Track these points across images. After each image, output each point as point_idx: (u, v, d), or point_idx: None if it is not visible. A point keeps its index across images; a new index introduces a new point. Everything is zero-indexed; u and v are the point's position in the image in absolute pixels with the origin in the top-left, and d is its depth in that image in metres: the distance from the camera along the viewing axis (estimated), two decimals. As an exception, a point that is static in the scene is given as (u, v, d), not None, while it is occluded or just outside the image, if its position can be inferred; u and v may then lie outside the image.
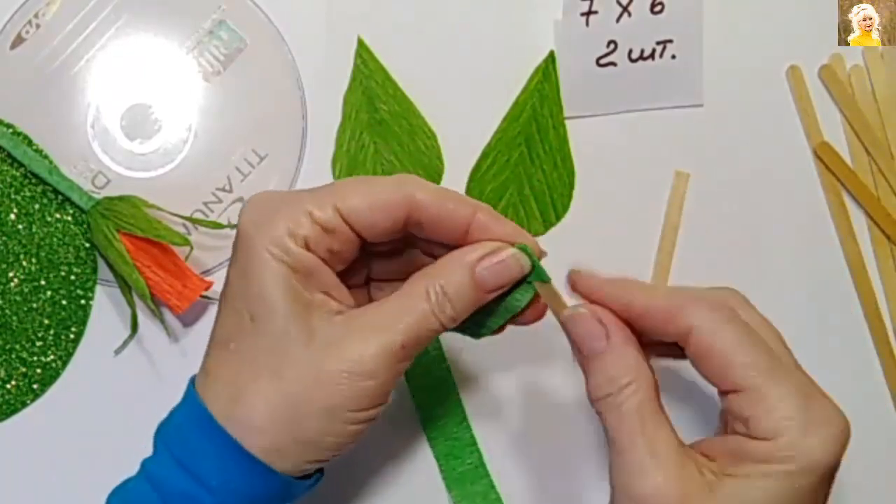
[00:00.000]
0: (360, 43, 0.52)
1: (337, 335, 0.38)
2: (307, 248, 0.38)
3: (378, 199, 0.38)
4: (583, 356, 0.39)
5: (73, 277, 0.50)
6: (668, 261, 0.53)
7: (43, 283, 0.50)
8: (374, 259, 0.42)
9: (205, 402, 0.38)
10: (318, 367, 0.37)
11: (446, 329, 0.39)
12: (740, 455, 0.37)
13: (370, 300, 0.43)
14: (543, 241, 0.52)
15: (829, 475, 0.37)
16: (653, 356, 0.40)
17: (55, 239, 0.50)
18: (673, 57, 0.53)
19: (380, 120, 0.52)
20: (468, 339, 0.42)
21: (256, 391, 0.37)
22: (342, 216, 0.38)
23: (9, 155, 0.50)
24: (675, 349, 0.39)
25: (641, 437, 0.37)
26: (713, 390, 0.38)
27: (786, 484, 0.36)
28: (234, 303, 0.39)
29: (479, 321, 0.41)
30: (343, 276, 0.40)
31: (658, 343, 0.39)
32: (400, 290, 0.39)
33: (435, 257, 0.40)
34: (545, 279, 0.40)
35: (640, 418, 0.37)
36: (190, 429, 0.39)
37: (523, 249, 0.39)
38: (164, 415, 0.50)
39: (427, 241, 0.41)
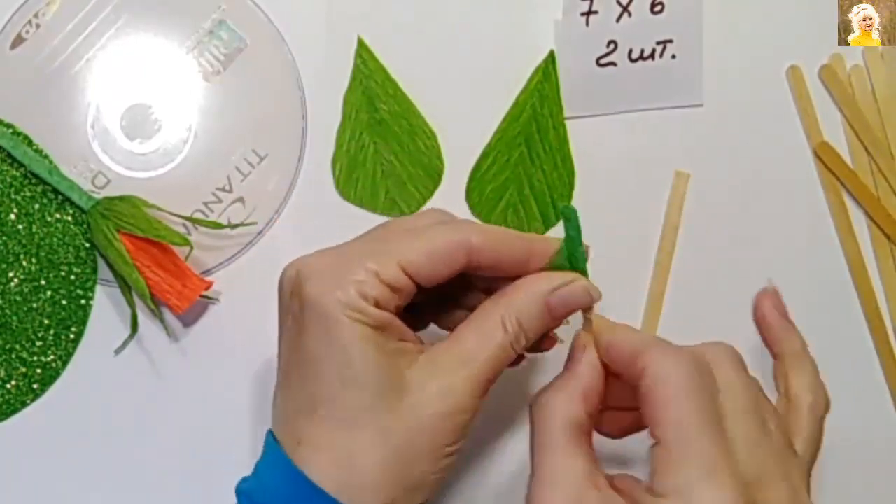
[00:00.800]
0: (360, 43, 0.52)
1: (427, 378, 0.39)
2: (378, 306, 0.39)
3: (438, 250, 0.39)
4: None
5: (73, 277, 0.50)
6: (668, 261, 0.53)
7: (43, 282, 0.50)
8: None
9: (308, 473, 0.38)
10: (419, 413, 0.38)
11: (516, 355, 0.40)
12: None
13: (421, 323, 0.44)
14: (543, 241, 0.52)
15: None
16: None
17: (55, 239, 0.50)
18: (673, 57, 0.53)
19: (380, 120, 0.52)
20: None
21: (365, 452, 0.38)
22: (405, 272, 0.39)
23: (9, 155, 0.50)
24: None
25: (556, 454, 0.37)
26: None
27: None
28: (319, 369, 0.39)
29: None
30: None
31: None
32: (474, 319, 0.40)
33: (483, 288, 0.42)
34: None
35: (566, 435, 0.37)
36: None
37: (567, 211, 0.40)
38: (164, 415, 0.50)
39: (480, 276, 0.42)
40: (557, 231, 0.52)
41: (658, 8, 0.53)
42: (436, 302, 0.44)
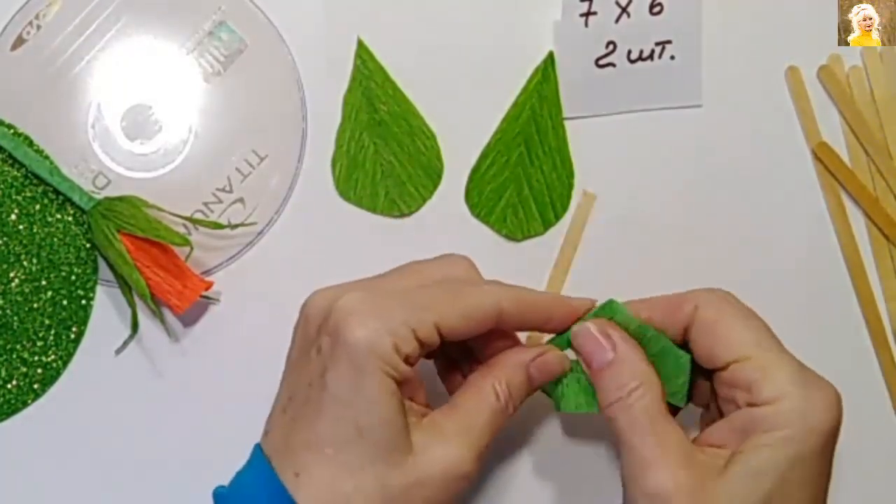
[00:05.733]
0: (360, 44, 0.52)
1: (431, 442, 0.41)
2: (406, 361, 0.40)
3: (473, 314, 0.41)
4: (592, 370, 0.42)
5: (73, 277, 0.50)
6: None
7: (44, 283, 0.50)
8: None
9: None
10: (420, 474, 0.40)
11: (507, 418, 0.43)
12: (746, 428, 0.39)
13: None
14: (543, 242, 0.53)
15: (830, 440, 0.39)
16: None
17: (56, 239, 0.50)
18: (672, 58, 0.53)
19: (379, 120, 0.52)
20: None
21: (361, 497, 0.39)
22: (439, 331, 0.41)
23: (10, 156, 0.50)
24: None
25: (651, 434, 0.39)
26: None
27: (791, 450, 0.38)
28: (338, 411, 0.40)
29: None
30: None
31: None
32: (468, 388, 0.43)
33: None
34: None
35: (649, 417, 0.40)
36: None
37: (611, 306, 0.44)
38: (164, 415, 0.50)
39: None
40: (557, 231, 0.53)
41: (657, 9, 0.53)
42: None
